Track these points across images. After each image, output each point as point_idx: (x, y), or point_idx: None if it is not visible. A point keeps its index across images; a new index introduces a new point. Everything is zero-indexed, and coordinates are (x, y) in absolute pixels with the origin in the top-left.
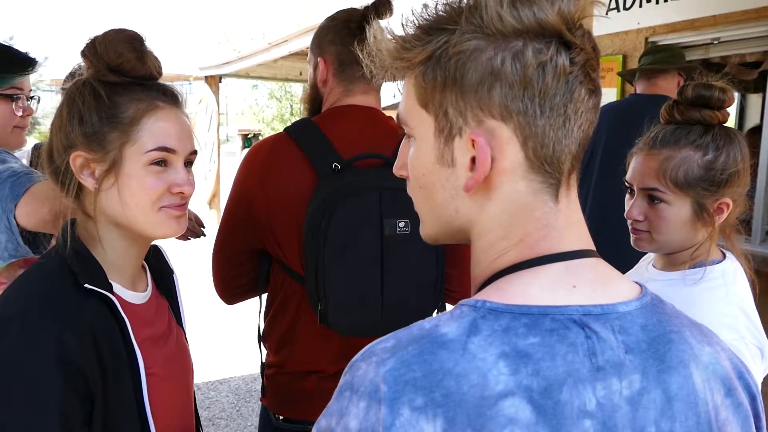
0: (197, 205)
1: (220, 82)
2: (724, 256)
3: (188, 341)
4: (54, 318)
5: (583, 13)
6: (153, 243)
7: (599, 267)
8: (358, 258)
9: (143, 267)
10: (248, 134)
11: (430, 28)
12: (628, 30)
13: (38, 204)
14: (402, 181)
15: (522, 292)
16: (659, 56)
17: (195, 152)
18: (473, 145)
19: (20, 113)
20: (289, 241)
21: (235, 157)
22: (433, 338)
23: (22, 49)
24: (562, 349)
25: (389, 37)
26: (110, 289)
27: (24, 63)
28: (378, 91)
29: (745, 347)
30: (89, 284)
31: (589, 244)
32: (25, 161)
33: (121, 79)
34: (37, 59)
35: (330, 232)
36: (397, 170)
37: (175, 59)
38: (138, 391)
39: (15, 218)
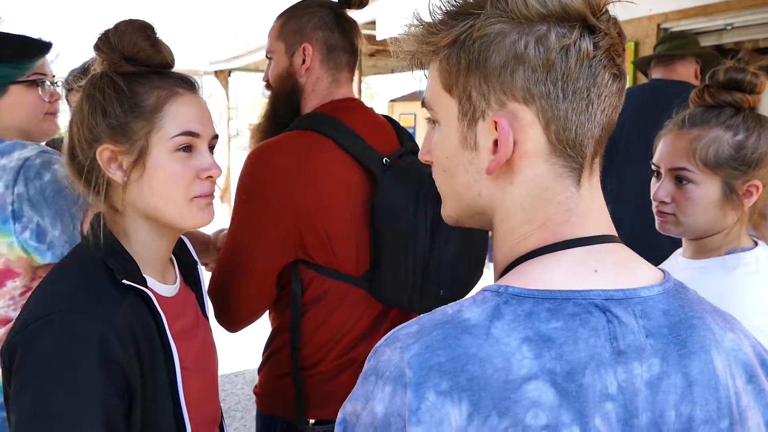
0: None
1: (230, 76)
2: (756, 243)
3: (212, 332)
4: (95, 315)
5: None
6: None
7: (621, 252)
8: (457, 242)
9: (171, 259)
10: None
11: (457, 13)
12: (641, 17)
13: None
14: None
15: (544, 277)
16: (676, 43)
17: (216, 136)
18: (496, 128)
19: (48, 98)
20: (346, 245)
21: (245, 151)
22: (456, 323)
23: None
24: (584, 333)
25: (417, 21)
26: (145, 283)
27: (40, 46)
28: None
29: None
30: (126, 280)
31: (611, 230)
32: None
33: (137, 68)
34: (50, 42)
35: (430, 224)
36: (422, 156)
37: (184, 54)
38: (174, 386)
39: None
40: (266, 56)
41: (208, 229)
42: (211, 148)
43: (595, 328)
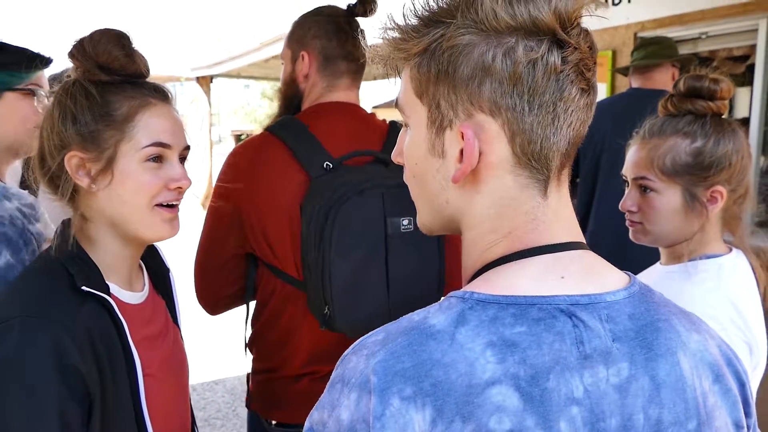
0: (190, 206)
1: (212, 82)
2: (730, 250)
3: (183, 340)
4: (52, 321)
5: (580, 12)
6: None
7: (587, 258)
8: (365, 259)
9: (140, 266)
10: (240, 134)
11: (429, 21)
12: (618, 25)
13: None
14: (401, 178)
15: (510, 283)
16: (651, 49)
17: (188, 147)
18: (462, 138)
19: (41, 109)
20: (282, 245)
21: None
22: (421, 329)
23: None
24: (549, 337)
25: (390, 25)
26: (107, 290)
27: (42, 60)
28: (359, 89)
29: (727, 339)
30: (86, 287)
31: (578, 237)
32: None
33: (111, 77)
34: (52, 58)
35: (335, 235)
36: (394, 156)
37: (166, 60)
38: (135, 393)
39: None
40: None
41: (182, 249)
42: (183, 158)
43: (561, 332)
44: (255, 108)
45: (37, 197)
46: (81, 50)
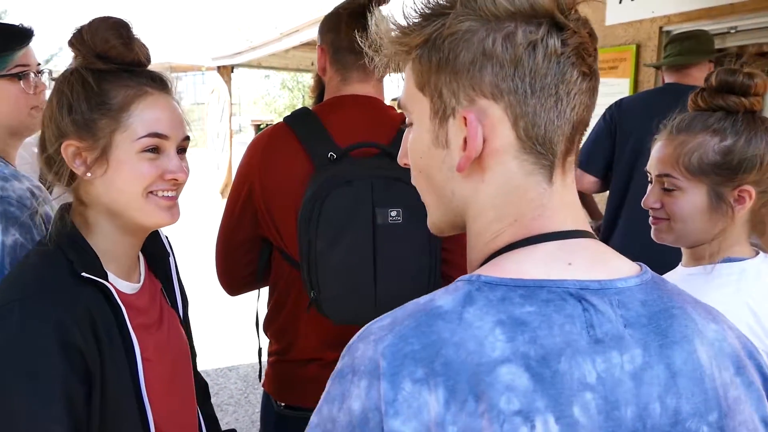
0: (210, 195)
1: (232, 72)
2: (757, 254)
3: (185, 323)
4: (53, 303)
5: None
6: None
7: (595, 246)
8: (350, 247)
9: (138, 258)
10: (260, 124)
11: (429, 15)
12: (642, 19)
13: None
14: (395, 170)
15: (517, 268)
16: (687, 45)
17: (187, 138)
18: (465, 124)
19: (32, 91)
20: (288, 230)
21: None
22: (428, 311)
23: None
24: (559, 319)
25: (391, 24)
26: (105, 277)
27: (20, 35)
28: (378, 80)
29: None
30: (85, 272)
31: (584, 226)
32: (35, 149)
33: (108, 66)
34: (32, 28)
35: (321, 221)
36: (400, 159)
37: (189, 50)
38: (135, 376)
39: None
40: None
41: (196, 235)
42: (183, 150)
43: (571, 315)
44: (275, 98)
45: (51, 195)
46: (80, 38)
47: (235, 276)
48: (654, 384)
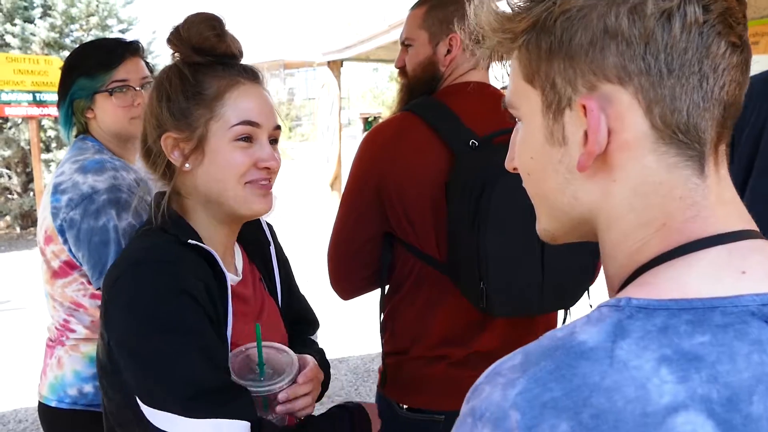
0: (320, 187)
1: (342, 66)
2: None
3: (282, 311)
4: (167, 262)
5: None
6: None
7: None
8: (521, 232)
9: (233, 248)
10: (368, 117)
11: None
12: None
13: None
14: None
15: (677, 285)
16: None
17: (279, 128)
18: (585, 114)
19: (128, 104)
20: (423, 224)
21: (356, 140)
22: (569, 348)
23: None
24: (743, 348)
25: (491, 10)
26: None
27: (118, 53)
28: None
29: None
30: (191, 240)
31: (751, 224)
32: None
33: (204, 59)
34: (136, 43)
35: (491, 213)
36: (508, 163)
37: (301, 47)
38: (224, 341)
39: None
40: (403, 43)
41: (307, 227)
42: (275, 140)
43: (758, 341)
44: (383, 91)
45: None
46: (177, 35)
47: (353, 279)
48: None
